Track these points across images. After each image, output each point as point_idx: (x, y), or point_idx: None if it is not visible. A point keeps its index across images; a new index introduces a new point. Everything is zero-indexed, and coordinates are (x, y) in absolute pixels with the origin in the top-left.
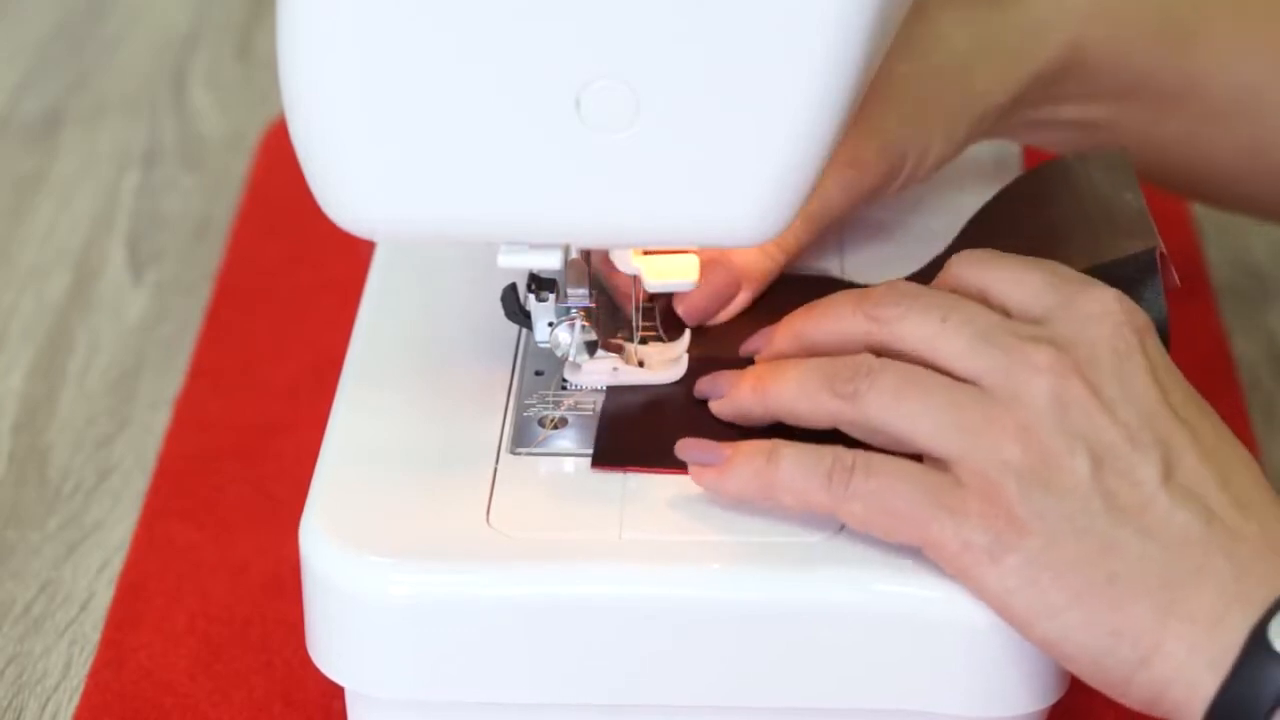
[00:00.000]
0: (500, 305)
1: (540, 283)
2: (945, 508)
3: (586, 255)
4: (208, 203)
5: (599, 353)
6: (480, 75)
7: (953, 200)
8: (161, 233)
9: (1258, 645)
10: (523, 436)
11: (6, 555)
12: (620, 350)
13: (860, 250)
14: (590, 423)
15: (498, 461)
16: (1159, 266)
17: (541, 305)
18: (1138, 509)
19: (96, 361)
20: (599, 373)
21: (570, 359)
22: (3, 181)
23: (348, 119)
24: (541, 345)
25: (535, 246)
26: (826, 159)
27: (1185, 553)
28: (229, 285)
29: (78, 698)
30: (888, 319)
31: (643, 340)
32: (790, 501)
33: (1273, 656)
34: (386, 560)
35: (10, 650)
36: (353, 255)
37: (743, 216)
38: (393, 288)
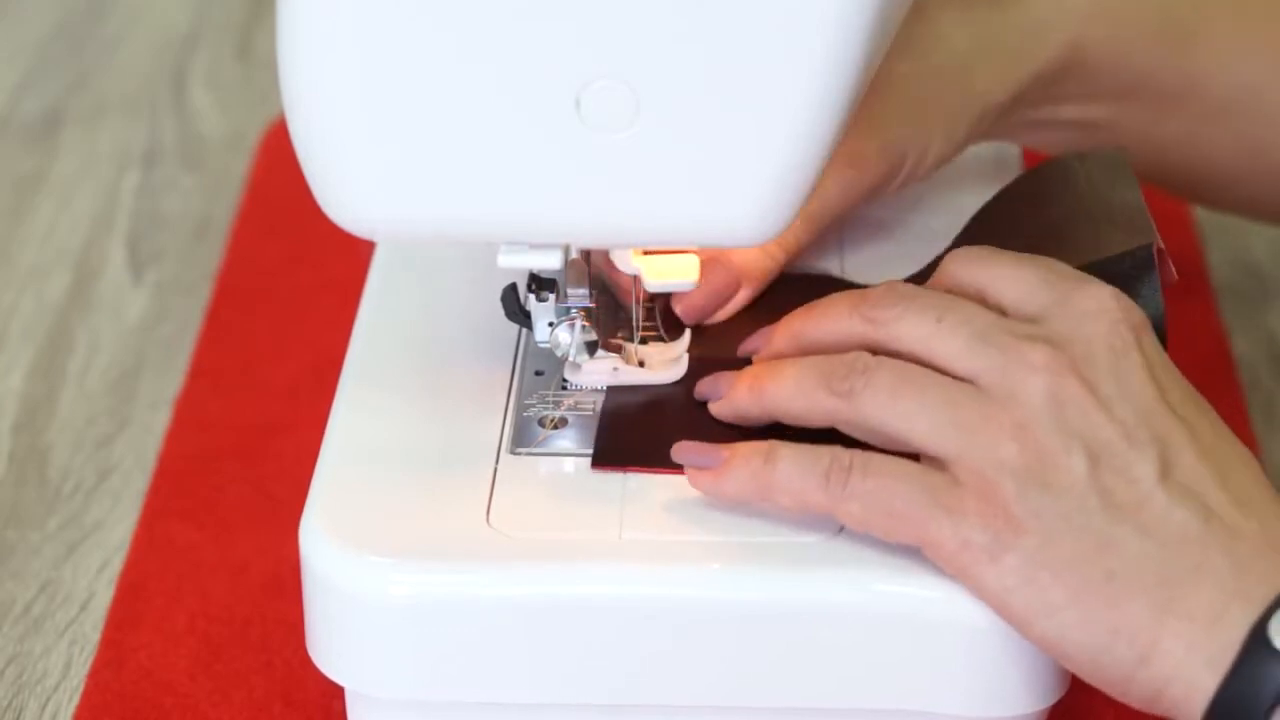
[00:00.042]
0: (500, 305)
1: (540, 283)
2: (943, 507)
3: (586, 255)
4: (208, 203)
5: (599, 353)
6: (480, 75)
7: (953, 199)
8: (161, 233)
9: (1258, 643)
10: (523, 436)
11: (6, 555)
12: (620, 350)
13: (860, 249)
14: (590, 423)
15: (498, 461)
16: (1156, 263)
17: (541, 305)
18: (1135, 507)
19: (96, 361)
20: (599, 373)
21: (570, 359)
22: (3, 181)
23: (348, 119)
24: (541, 345)
25: (535, 246)
26: (826, 159)
27: (1183, 550)
28: (229, 285)
29: (78, 698)
30: (884, 320)
31: (643, 340)
32: (788, 502)
33: (1273, 654)
34: (386, 560)
35: (10, 650)
36: (353, 255)
37: (743, 216)
38: (393, 288)
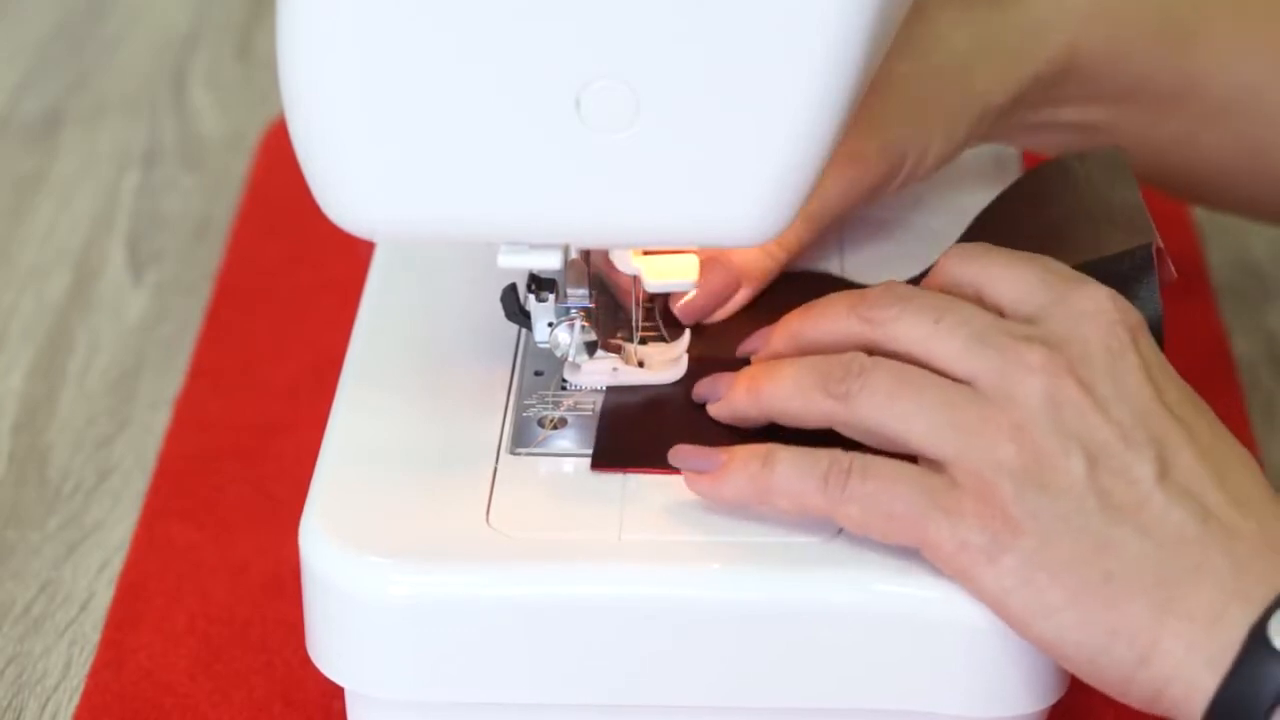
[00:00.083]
0: (500, 305)
1: (540, 283)
2: (941, 509)
3: (586, 255)
4: (208, 203)
5: (599, 353)
6: (480, 75)
7: (952, 200)
8: (161, 233)
9: (1257, 643)
10: (523, 436)
11: (6, 555)
12: (620, 350)
13: (860, 249)
14: (590, 423)
15: (498, 461)
16: (1155, 263)
17: (541, 305)
18: (1133, 507)
19: (96, 361)
20: (599, 373)
21: (570, 359)
22: (3, 181)
23: (348, 119)
24: (541, 345)
25: (535, 246)
26: (826, 159)
27: (1182, 551)
28: (229, 285)
29: (78, 698)
30: (882, 320)
31: (643, 340)
32: (786, 505)
33: (1273, 654)
34: (386, 560)
35: (10, 650)
36: (353, 255)
37: (743, 216)
38: (393, 288)
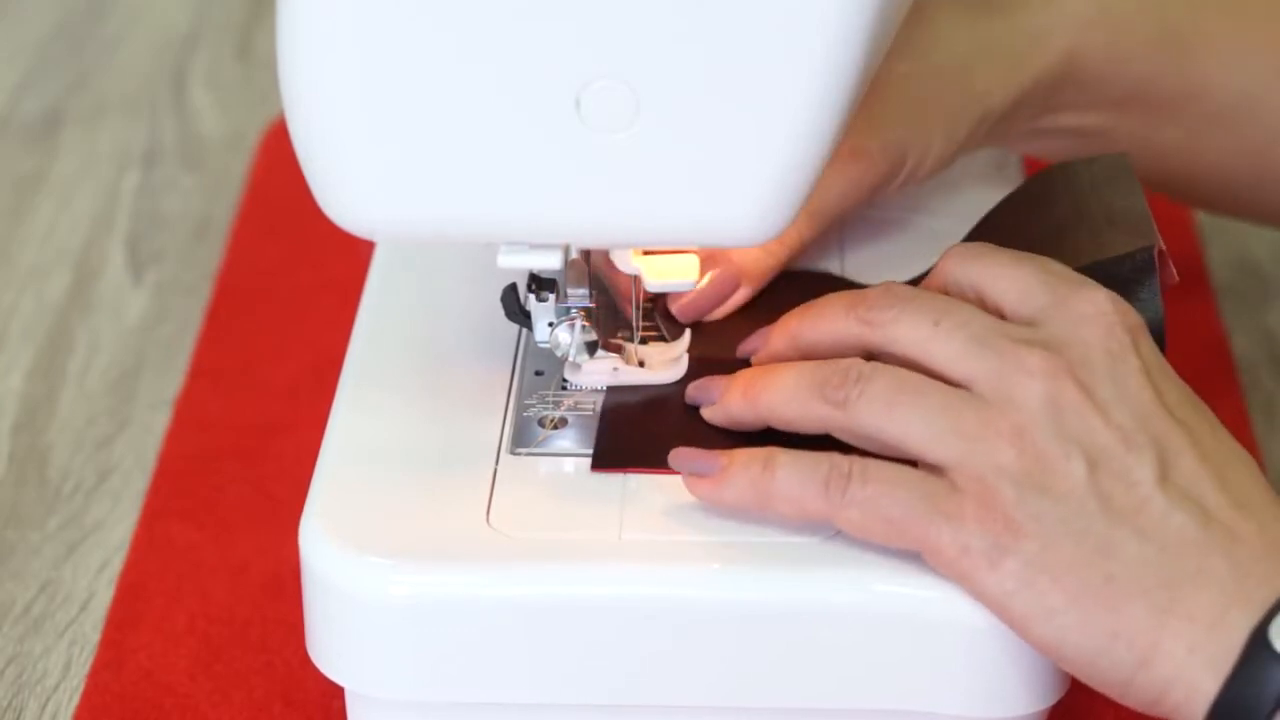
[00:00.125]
0: (500, 305)
1: (540, 283)
2: (942, 513)
3: (586, 255)
4: (208, 203)
5: (599, 353)
6: (480, 75)
7: (953, 200)
8: (161, 233)
9: (1258, 646)
10: (523, 436)
11: (6, 555)
12: (620, 350)
13: (860, 249)
14: (590, 423)
15: (498, 462)
16: (1156, 265)
17: (541, 305)
18: (1134, 510)
19: (96, 361)
20: (599, 373)
21: (570, 359)
22: (3, 181)
23: (348, 119)
24: (541, 345)
25: (535, 246)
26: (826, 159)
27: (1183, 553)
28: (229, 285)
29: (78, 698)
30: (881, 322)
31: (643, 340)
32: (787, 510)
33: (1274, 657)
34: (386, 560)
35: (10, 650)
36: (353, 255)
37: (743, 216)
38: (393, 288)
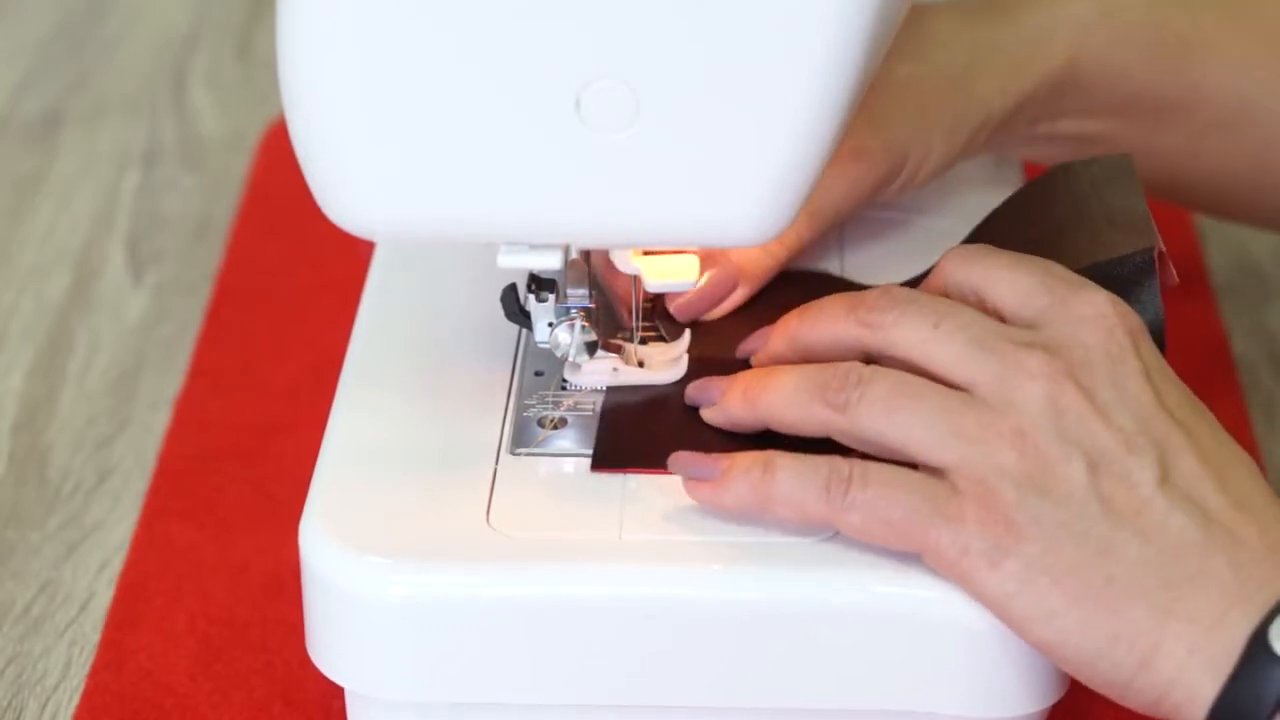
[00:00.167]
0: (500, 305)
1: (540, 283)
2: (943, 515)
3: (586, 255)
4: (208, 203)
5: (599, 353)
6: (480, 75)
7: (953, 200)
8: (161, 233)
9: (1259, 647)
10: (523, 436)
11: (6, 555)
12: (620, 350)
13: (860, 249)
14: (590, 423)
15: (498, 462)
16: (1156, 267)
17: (541, 305)
18: (1134, 512)
19: (96, 361)
20: (599, 373)
21: (570, 359)
22: (3, 181)
23: (348, 119)
24: (541, 345)
25: (535, 246)
26: (826, 159)
27: (1183, 555)
28: (229, 285)
29: (78, 698)
30: (881, 324)
31: (643, 340)
32: (787, 513)
33: (1274, 659)
34: (386, 560)
35: (10, 650)
36: (353, 255)
37: (743, 216)
38: (393, 288)
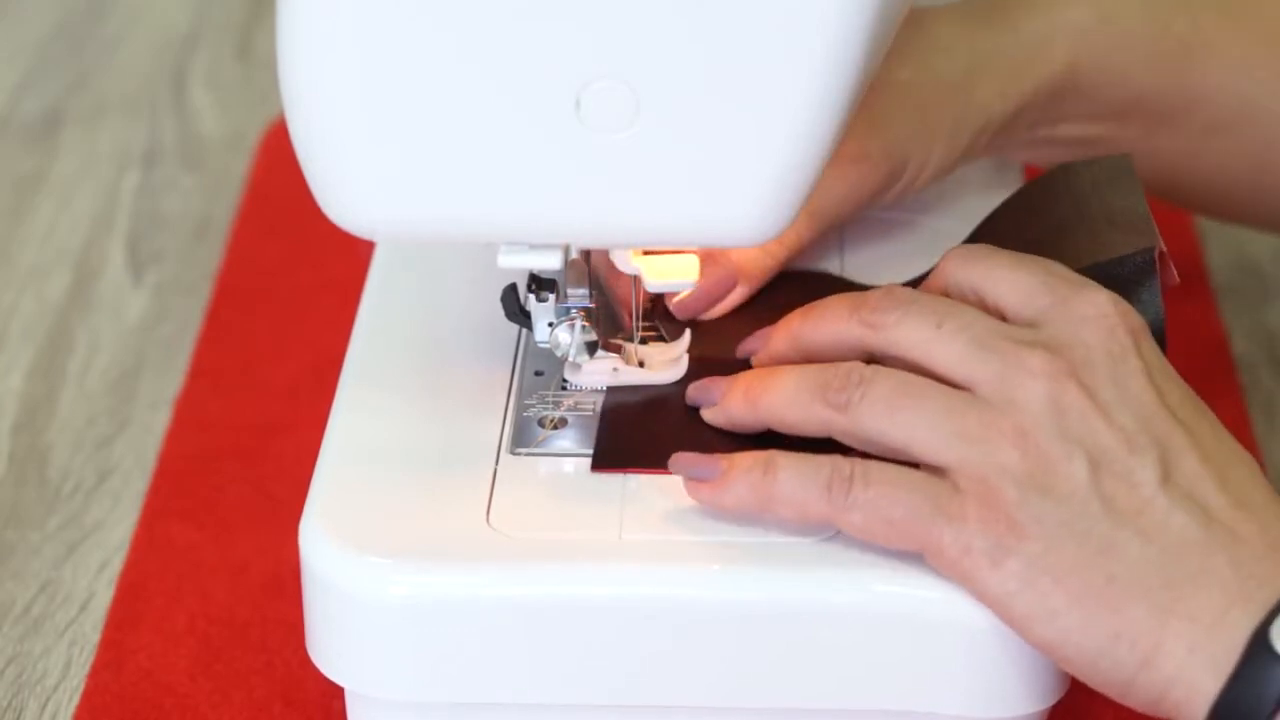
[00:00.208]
0: (500, 305)
1: (540, 283)
2: (944, 514)
3: (586, 255)
4: (208, 203)
5: (599, 353)
6: (480, 76)
7: (954, 201)
8: (161, 233)
9: (1260, 646)
10: (523, 436)
11: (6, 555)
12: (620, 350)
13: (861, 249)
14: (590, 423)
15: (498, 462)
16: (1157, 267)
17: (541, 305)
18: (1136, 511)
19: (96, 361)
20: (599, 373)
21: (570, 359)
22: (3, 181)
23: (348, 119)
24: (541, 345)
25: (535, 246)
26: (826, 159)
27: (1185, 554)
28: (229, 285)
29: (78, 698)
30: (883, 324)
31: (643, 340)
32: (788, 514)
33: (1275, 658)
34: (386, 560)
35: (10, 650)
36: (353, 255)
37: (743, 216)
38: (393, 288)
